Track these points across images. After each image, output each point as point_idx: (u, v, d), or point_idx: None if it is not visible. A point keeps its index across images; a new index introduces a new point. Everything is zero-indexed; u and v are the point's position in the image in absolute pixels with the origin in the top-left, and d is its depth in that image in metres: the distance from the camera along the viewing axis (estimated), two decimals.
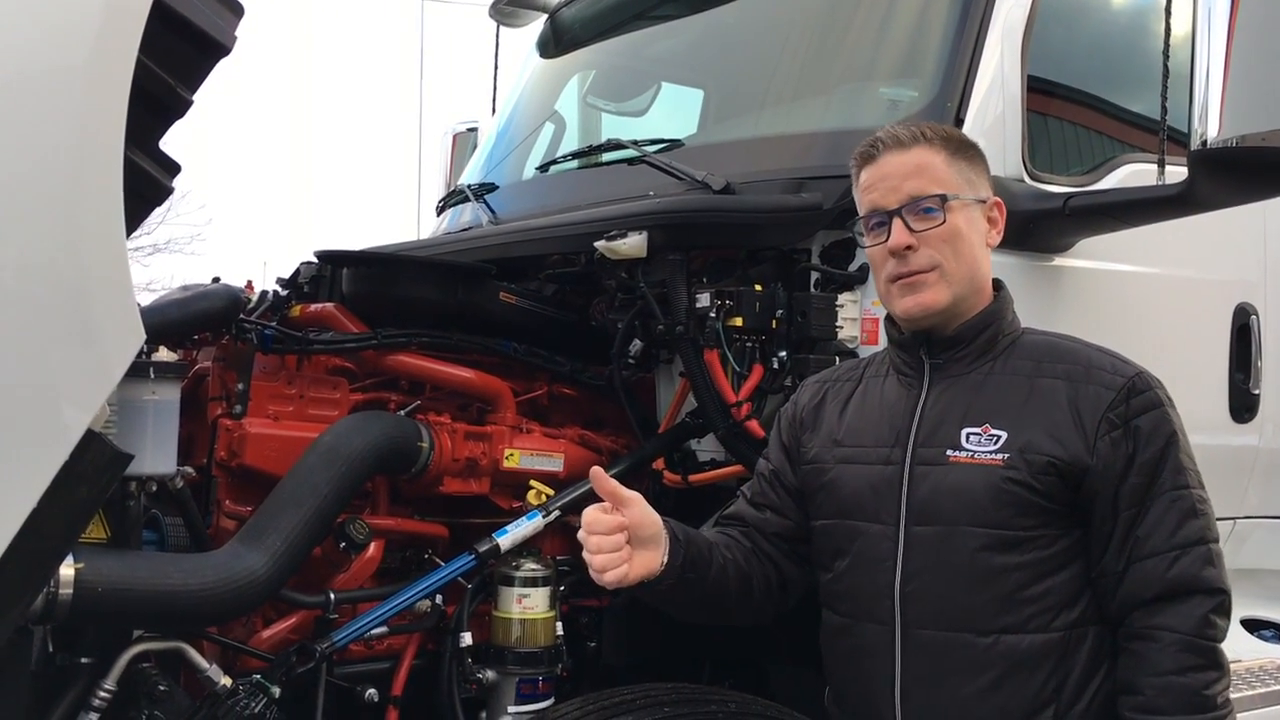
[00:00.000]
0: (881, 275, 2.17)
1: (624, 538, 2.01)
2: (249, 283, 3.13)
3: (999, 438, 2.04)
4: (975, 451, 2.05)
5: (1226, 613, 2.01)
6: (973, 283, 2.15)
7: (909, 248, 2.10)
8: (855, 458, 2.19)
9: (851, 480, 2.18)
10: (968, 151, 2.20)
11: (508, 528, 2.74)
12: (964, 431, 2.07)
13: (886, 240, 2.12)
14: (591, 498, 2.88)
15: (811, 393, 2.37)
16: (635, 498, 2.04)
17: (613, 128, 3.95)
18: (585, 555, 2.02)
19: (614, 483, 2.04)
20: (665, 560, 2.05)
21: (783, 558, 2.29)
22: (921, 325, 2.16)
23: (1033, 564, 2.01)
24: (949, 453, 2.07)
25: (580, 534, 2.02)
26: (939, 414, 2.11)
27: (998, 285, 2.22)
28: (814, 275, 2.82)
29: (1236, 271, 3.42)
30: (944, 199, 2.10)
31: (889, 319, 2.28)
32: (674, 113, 3.97)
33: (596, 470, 2.06)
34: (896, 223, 2.11)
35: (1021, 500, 2.00)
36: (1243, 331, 3.35)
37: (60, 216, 1.68)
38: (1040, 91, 3.02)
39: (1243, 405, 3.35)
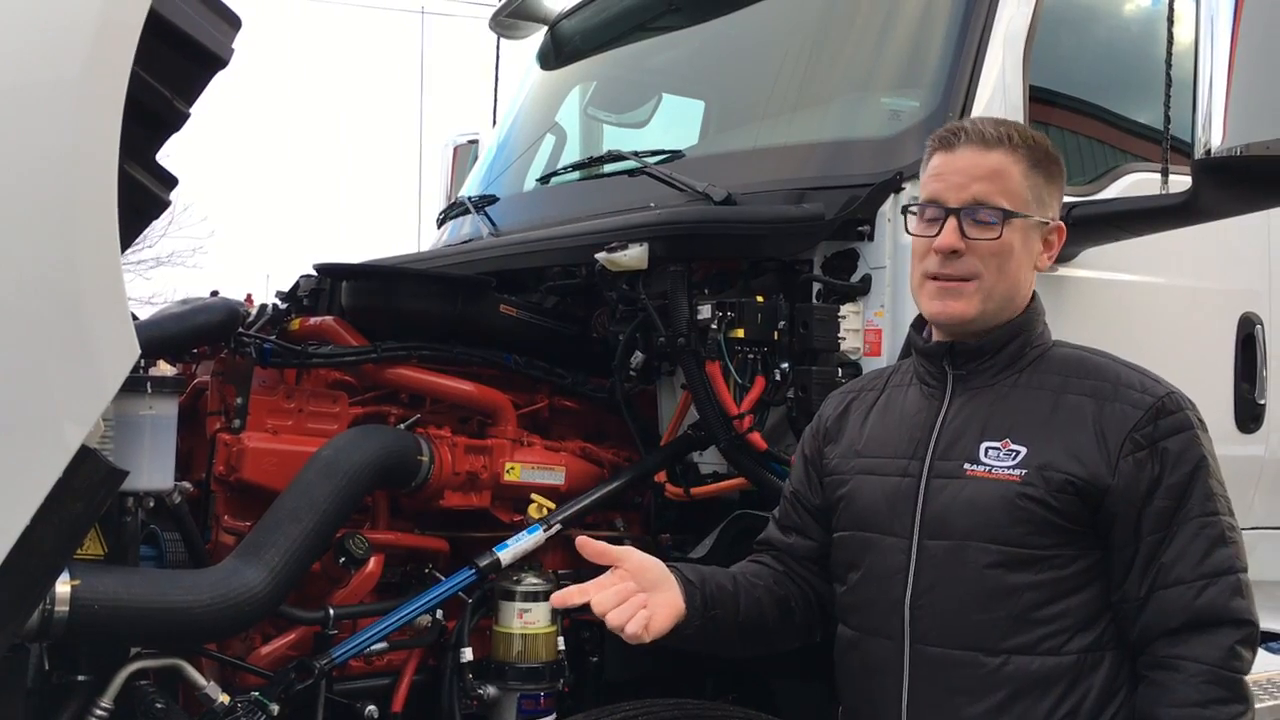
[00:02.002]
0: (918, 268, 2.10)
1: (630, 586, 1.96)
2: (248, 296, 3.12)
3: (1018, 453, 1.98)
4: (993, 466, 1.99)
5: (1253, 645, 1.95)
6: (1008, 301, 2.07)
7: (955, 251, 2.03)
8: (874, 469, 2.15)
9: (868, 491, 2.13)
10: (1049, 166, 2.10)
11: (509, 542, 2.72)
12: (983, 445, 2.01)
13: (936, 235, 2.05)
14: (592, 510, 2.89)
15: (835, 404, 2.33)
16: (626, 550, 2.01)
17: (613, 139, 3.95)
18: (607, 620, 1.95)
19: (599, 543, 2.00)
20: (685, 604, 2.00)
21: (815, 578, 2.25)
22: (946, 330, 2.11)
23: (1048, 584, 1.95)
24: (966, 466, 2.01)
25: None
26: (959, 426, 2.06)
27: (1031, 297, 2.13)
28: (816, 286, 2.81)
29: (1241, 281, 3.41)
30: (1006, 214, 2.02)
31: (915, 325, 2.23)
32: (675, 124, 3.97)
33: (582, 539, 2.01)
34: (951, 223, 2.03)
35: (1037, 518, 1.94)
36: (1248, 341, 3.34)
37: (54, 230, 1.67)
38: (1042, 101, 3.01)
39: (1248, 415, 3.33)
